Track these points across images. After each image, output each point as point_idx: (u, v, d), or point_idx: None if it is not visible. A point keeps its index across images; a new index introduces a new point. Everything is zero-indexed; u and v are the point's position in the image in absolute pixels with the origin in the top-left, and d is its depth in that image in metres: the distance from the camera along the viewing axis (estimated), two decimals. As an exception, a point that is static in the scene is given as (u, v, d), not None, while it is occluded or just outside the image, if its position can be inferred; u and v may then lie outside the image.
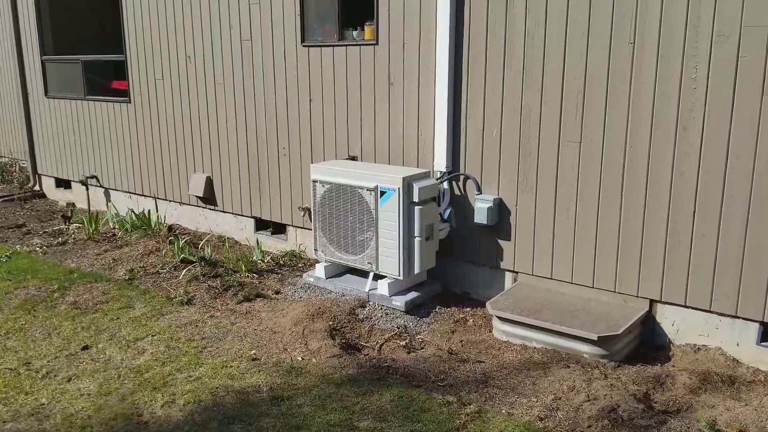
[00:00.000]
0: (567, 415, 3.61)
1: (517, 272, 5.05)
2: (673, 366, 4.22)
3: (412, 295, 5.09)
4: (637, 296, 4.51)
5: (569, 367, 4.15)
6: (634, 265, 4.48)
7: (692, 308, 4.33)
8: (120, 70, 7.71)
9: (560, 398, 3.78)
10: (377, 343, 4.61)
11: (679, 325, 4.42)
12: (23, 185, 9.58)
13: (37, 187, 9.39)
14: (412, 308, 5.02)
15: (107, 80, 8.26)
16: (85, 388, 3.98)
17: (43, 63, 8.61)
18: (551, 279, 4.86)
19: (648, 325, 4.52)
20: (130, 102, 7.57)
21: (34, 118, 9.04)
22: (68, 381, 4.07)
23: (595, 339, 4.19)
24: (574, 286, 4.77)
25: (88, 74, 8.09)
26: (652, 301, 4.48)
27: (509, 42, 4.73)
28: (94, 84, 8.16)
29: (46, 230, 7.50)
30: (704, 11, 3.96)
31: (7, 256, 6.49)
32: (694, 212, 4.20)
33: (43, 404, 3.80)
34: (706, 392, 3.84)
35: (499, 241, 5.07)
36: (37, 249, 6.76)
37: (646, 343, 4.53)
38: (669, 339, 4.47)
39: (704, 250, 4.20)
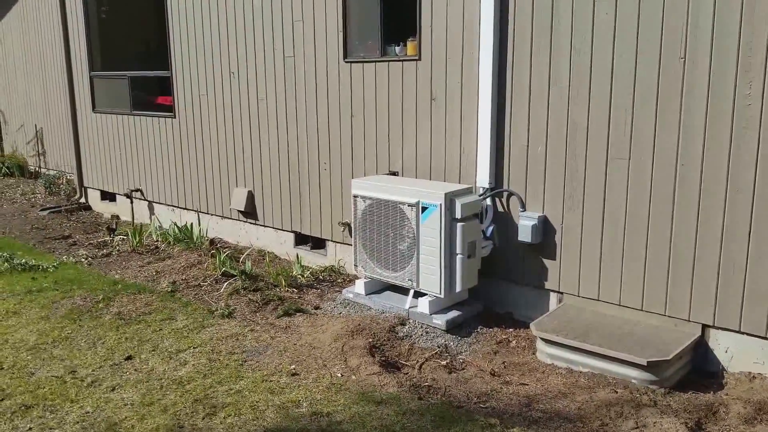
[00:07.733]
0: (615, 441, 3.49)
1: (562, 293, 4.94)
2: (727, 394, 4.04)
3: (454, 313, 5.01)
4: (689, 320, 4.35)
5: (617, 392, 4.01)
6: (686, 287, 4.32)
7: (747, 334, 4.15)
8: (165, 86, 7.89)
9: (607, 424, 3.65)
10: (417, 362, 4.55)
11: (732, 351, 4.24)
12: (70, 197, 9.84)
13: (83, 200, 9.63)
14: (453, 327, 4.94)
15: (152, 96, 8.47)
16: (128, 397, 4.01)
17: (91, 79, 8.87)
18: (598, 300, 4.73)
19: (700, 350, 4.35)
20: (174, 117, 7.72)
21: (82, 132, 9.30)
22: (112, 390, 4.11)
23: (644, 364, 4.05)
24: (621, 309, 4.63)
25: (134, 90, 8.30)
26: (704, 326, 4.31)
27: (554, 57, 4.66)
28: (140, 99, 8.36)
29: (92, 242, 7.68)
30: (758, 25, 3.83)
31: (54, 266, 6.64)
32: (750, 233, 4.04)
33: (88, 413, 3.85)
34: (761, 423, 3.67)
35: (543, 260, 4.97)
36: (83, 260, 6.91)
37: (698, 369, 4.35)
38: (722, 366, 4.29)
39: (761, 273, 4.03)
